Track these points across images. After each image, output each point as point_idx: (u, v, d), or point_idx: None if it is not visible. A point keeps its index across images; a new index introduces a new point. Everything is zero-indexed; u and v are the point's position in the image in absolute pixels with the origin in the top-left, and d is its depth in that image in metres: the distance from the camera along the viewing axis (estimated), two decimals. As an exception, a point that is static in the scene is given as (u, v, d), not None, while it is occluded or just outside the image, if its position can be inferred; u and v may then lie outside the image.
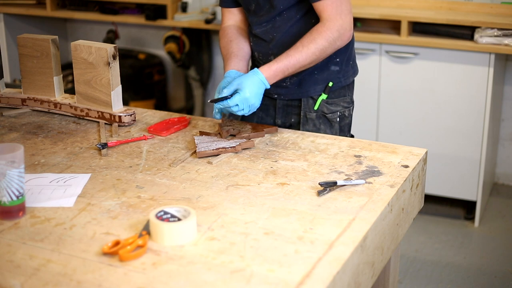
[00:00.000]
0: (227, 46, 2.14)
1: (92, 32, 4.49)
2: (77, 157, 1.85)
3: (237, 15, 2.20)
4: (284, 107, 2.18)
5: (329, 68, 2.11)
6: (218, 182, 1.69)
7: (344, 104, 2.16)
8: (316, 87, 2.11)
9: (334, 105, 2.13)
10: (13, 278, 1.29)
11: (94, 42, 2.08)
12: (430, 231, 3.29)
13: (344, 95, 2.16)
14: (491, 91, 3.15)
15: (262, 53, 2.15)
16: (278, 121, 2.19)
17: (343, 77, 2.14)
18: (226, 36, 2.17)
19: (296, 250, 1.37)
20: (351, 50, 2.17)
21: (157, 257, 1.35)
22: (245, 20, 2.21)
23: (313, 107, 2.12)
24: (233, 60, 2.09)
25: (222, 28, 2.21)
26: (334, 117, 2.14)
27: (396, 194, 1.64)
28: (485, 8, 3.35)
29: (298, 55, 1.95)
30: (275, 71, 1.95)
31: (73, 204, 1.58)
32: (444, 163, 3.32)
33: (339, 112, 2.15)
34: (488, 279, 2.89)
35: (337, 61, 2.11)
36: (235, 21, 2.21)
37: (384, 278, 1.89)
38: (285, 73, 1.97)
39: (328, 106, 2.13)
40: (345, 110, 2.16)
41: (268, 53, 2.12)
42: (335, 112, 2.14)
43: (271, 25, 2.08)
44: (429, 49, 3.22)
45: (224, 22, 2.22)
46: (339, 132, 2.16)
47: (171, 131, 2.02)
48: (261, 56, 2.16)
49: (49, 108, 2.20)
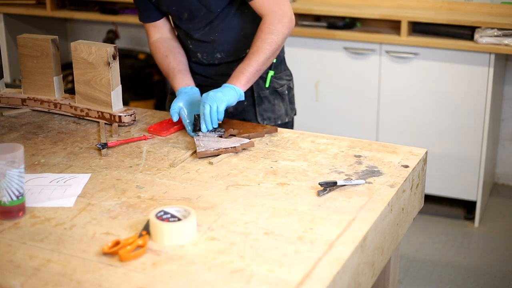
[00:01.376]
0: (164, 62, 2.18)
1: (92, 32, 4.49)
2: (77, 157, 1.85)
3: (162, 27, 2.23)
4: None
5: None
6: (218, 182, 1.69)
7: (287, 77, 2.29)
8: None
9: (280, 79, 2.26)
10: (13, 278, 1.29)
11: (94, 42, 2.08)
12: (430, 231, 3.29)
13: (285, 69, 2.30)
14: (491, 91, 3.15)
15: (206, 53, 2.20)
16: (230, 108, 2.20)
17: (281, 52, 2.27)
18: (159, 52, 2.20)
19: (296, 250, 1.37)
20: None
21: (157, 257, 1.35)
22: (171, 29, 2.25)
23: (264, 85, 2.22)
24: (177, 77, 2.13)
25: (150, 44, 2.23)
26: (284, 90, 2.26)
27: (396, 194, 1.64)
28: (485, 8, 3.35)
29: (256, 57, 2.01)
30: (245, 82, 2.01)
31: (73, 204, 1.57)
32: (444, 163, 3.32)
33: (286, 85, 2.27)
34: (488, 279, 2.89)
35: None
36: (162, 34, 2.23)
37: (384, 278, 1.89)
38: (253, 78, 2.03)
39: (276, 81, 2.24)
40: (289, 82, 2.30)
41: (213, 52, 2.18)
42: (283, 86, 2.26)
43: (209, 27, 2.14)
44: (429, 49, 3.22)
45: (151, 37, 2.24)
46: (289, 104, 2.28)
47: (171, 131, 2.02)
48: (205, 55, 2.20)
49: (49, 108, 2.20)
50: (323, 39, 3.38)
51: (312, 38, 3.40)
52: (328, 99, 3.47)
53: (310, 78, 3.46)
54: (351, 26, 3.42)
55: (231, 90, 1.97)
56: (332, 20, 3.43)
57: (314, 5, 3.49)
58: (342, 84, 3.42)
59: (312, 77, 3.46)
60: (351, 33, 3.33)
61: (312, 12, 3.40)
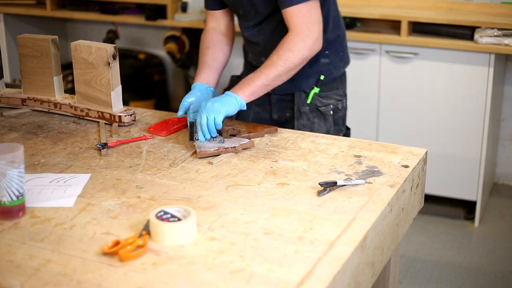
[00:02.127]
0: (202, 53, 2.18)
1: (92, 32, 4.49)
2: (77, 157, 1.85)
3: (220, 19, 2.22)
4: (279, 102, 2.21)
5: (319, 61, 2.13)
6: (218, 182, 1.69)
7: (337, 97, 2.18)
8: (308, 80, 2.14)
9: (326, 98, 2.16)
10: (13, 278, 1.29)
11: (94, 42, 2.08)
12: (430, 231, 3.29)
13: (337, 88, 2.18)
14: (491, 91, 3.15)
15: (254, 54, 2.19)
16: (274, 115, 2.22)
17: (334, 69, 2.16)
18: (204, 41, 2.20)
19: (296, 250, 1.37)
20: (341, 41, 2.19)
21: (157, 257, 1.35)
22: (228, 24, 2.23)
23: (306, 101, 2.15)
24: (204, 71, 2.12)
25: (204, 31, 2.23)
26: (328, 110, 2.16)
27: (396, 194, 1.64)
28: (485, 8, 3.35)
29: (266, 71, 1.95)
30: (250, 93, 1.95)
31: (73, 204, 1.57)
32: (444, 163, 3.32)
33: (332, 105, 2.17)
34: (488, 279, 2.89)
35: (327, 53, 2.14)
36: (217, 25, 2.22)
37: (384, 278, 1.89)
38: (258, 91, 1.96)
39: (320, 99, 2.15)
40: (338, 103, 2.18)
41: (260, 54, 2.16)
42: (328, 105, 2.16)
43: (257, 28, 2.12)
44: (429, 49, 3.22)
45: (206, 25, 2.24)
46: (333, 125, 2.18)
47: (171, 131, 2.02)
48: (253, 56, 2.20)
49: (49, 108, 2.20)
50: (323, 39, 3.38)
51: (312, 38, 3.40)
52: (328, 99, 3.46)
53: (310, 78, 3.46)
54: (351, 26, 3.42)
55: (232, 99, 1.91)
56: (332, 20, 3.43)
57: (314, 5, 3.49)
58: (342, 84, 3.42)
59: (312, 77, 3.46)
60: (351, 33, 3.33)
61: (312, 12, 3.40)
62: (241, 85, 1.96)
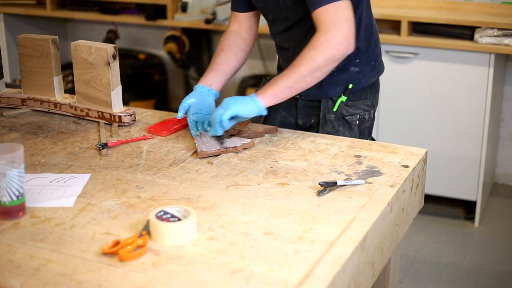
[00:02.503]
0: (216, 55, 2.14)
1: (92, 32, 4.49)
2: (77, 157, 1.85)
3: (242, 23, 2.16)
4: (305, 108, 2.16)
5: (349, 69, 2.06)
6: (218, 182, 1.69)
7: (365, 107, 2.11)
8: (336, 88, 2.08)
9: (354, 107, 2.09)
10: (13, 278, 1.29)
11: (94, 42, 2.08)
12: (430, 231, 3.29)
13: (365, 98, 2.11)
14: (491, 91, 3.15)
15: (284, 59, 2.14)
16: (300, 121, 2.18)
17: (364, 78, 2.09)
18: (221, 43, 2.16)
19: (296, 250, 1.37)
20: (372, 50, 2.11)
21: (157, 257, 1.35)
22: (250, 28, 2.17)
23: (332, 108, 2.09)
24: (210, 74, 2.09)
25: (225, 32, 2.19)
26: (353, 120, 2.09)
27: (396, 194, 1.64)
28: (485, 8, 3.35)
29: (289, 72, 1.87)
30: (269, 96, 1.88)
31: (73, 204, 1.57)
32: (444, 163, 3.32)
33: (359, 115, 2.10)
34: (488, 279, 2.89)
35: (357, 62, 2.06)
36: (238, 28, 2.17)
37: (384, 278, 1.89)
38: (281, 96, 1.89)
39: (347, 108, 2.08)
40: (365, 113, 2.11)
41: (289, 60, 2.01)
42: (354, 115, 2.09)
43: (288, 34, 2.06)
44: (429, 49, 3.22)
45: (228, 26, 2.20)
46: (358, 135, 2.11)
47: (171, 131, 2.02)
48: (284, 63, 2.15)
49: (49, 108, 2.19)
50: (323, 39, 3.38)
51: (312, 38, 3.40)
52: (328, 99, 3.46)
53: (310, 78, 3.46)
54: (351, 26, 3.41)
55: (249, 100, 1.87)
56: (332, 20, 3.43)
57: (314, 5, 3.49)
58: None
59: (312, 77, 3.46)
60: (351, 33, 3.33)
61: (312, 12, 3.40)
62: (264, 87, 1.90)
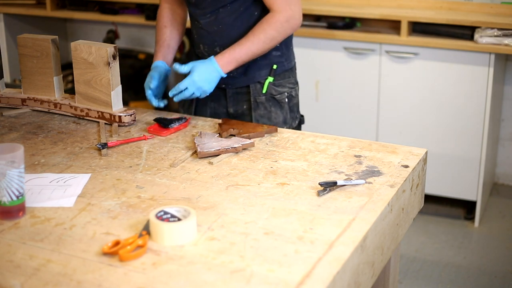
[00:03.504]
0: (160, 31, 2.26)
1: (92, 32, 4.48)
2: (77, 157, 1.85)
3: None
4: (234, 95, 2.24)
5: (271, 53, 2.19)
6: (218, 182, 1.69)
7: (290, 85, 2.25)
8: (261, 72, 2.20)
9: (280, 86, 2.22)
10: (13, 278, 1.29)
11: (94, 42, 2.08)
12: (430, 231, 3.29)
13: (289, 77, 2.25)
14: (491, 91, 3.15)
15: (207, 45, 2.20)
16: (231, 109, 2.26)
17: (286, 61, 2.23)
18: (161, 19, 2.28)
19: (296, 250, 1.37)
20: (290, 36, 2.26)
21: (157, 257, 1.35)
22: (181, 3, 2.28)
23: (261, 91, 2.20)
24: (164, 50, 2.23)
25: (160, 8, 2.29)
26: (283, 98, 2.23)
27: (396, 194, 1.64)
28: (485, 8, 3.35)
29: (249, 44, 2.05)
30: (228, 58, 2.05)
31: (73, 204, 1.58)
32: (444, 163, 3.32)
33: (287, 93, 2.24)
34: (488, 279, 2.89)
35: (278, 46, 2.20)
36: (171, 4, 2.28)
37: (384, 278, 1.89)
38: (238, 62, 2.07)
39: (275, 88, 2.21)
40: (292, 91, 2.25)
41: (213, 45, 2.18)
42: (282, 93, 2.23)
43: (214, 16, 2.14)
44: (429, 49, 3.22)
45: (161, 2, 2.30)
46: (289, 112, 2.25)
47: (171, 131, 2.02)
48: (206, 48, 2.21)
49: (49, 108, 2.20)
50: (323, 39, 3.38)
51: (312, 38, 3.40)
52: (328, 99, 3.47)
53: (310, 78, 3.46)
54: (351, 26, 3.42)
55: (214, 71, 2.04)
56: (332, 20, 3.43)
57: (314, 5, 3.49)
58: (342, 84, 3.42)
59: (312, 77, 3.46)
60: (351, 33, 3.33)
61: (312, 12, 3.40)
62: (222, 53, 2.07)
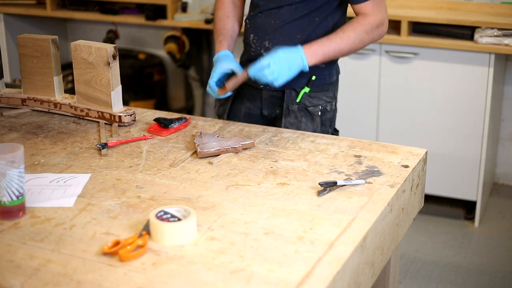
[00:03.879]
0: (223, 21, 2.20)
1: (92, 32, 4.49)
2: (77, 157, 1.85)
3: None
4: (270, 98, 2.21)
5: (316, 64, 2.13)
6: (218, 182, 1.69)
7: (327, 99, 2.18)
8: (300, 80, 2.12)
9: (316, 98, 2.16)
10: (13, 278, 1.29)
11: (94, 42, 2.08)
12: (430, 231, 3.29)
13: (327, 90, 2.19)
14: (491, 91, 3.15)
15: (258, 36, 2.15)
16: (265, 111, 2.22)
17: (328, 75, 2.17)
18: (224, 8, 2.22)
19: (296, 250, 1.37)
20: None
21: (157, 257, 1.35)
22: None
23: (295, 99, 2.15)
24: (229, 40, 2.16)
25: None
26: (316, 111, 2.16)
27: (396, 194, 1.64)
28: (485, 8, 3.35)
29: (339, 40, 2.00)
30: (315, 49, 1.99)
31: (73, 204, 1.57)
32: (444, 163, 3.32)
33: (321, 106, 2.17)
34: (488, 279, 2.89)
35: None
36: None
37: (384, 278, 1.89)
38: (324, 55, 2.01)
39: (310, 99, 2.15)
40: (327, 105, 2.18)
41: (264, 38, 2.13)
42: (316, 106, 2.16)
43: (276, 10, 2.09)
44: (429, 49, 3.22)
45: None
46: (320, 126, 2.18)
47: (171, 131, 2.02)
48: (256, 39, 2.16)
49: (49, 108, 2.20)
50: (323, 39, 3.38)
51: (312, 38, 3.40)
52: (328, 99, 3.46)
53: (310, 78, 3.46)
54: (351, 26, 3.41)
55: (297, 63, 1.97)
56: (332, 20, 3.43)
57: (314, 5, 3.49)
58: (342, 84, 3.42)
59: (312, 77, 3.46)
60: (351, 33, 3.33)
61: (312, 12, 3.40)
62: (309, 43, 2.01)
